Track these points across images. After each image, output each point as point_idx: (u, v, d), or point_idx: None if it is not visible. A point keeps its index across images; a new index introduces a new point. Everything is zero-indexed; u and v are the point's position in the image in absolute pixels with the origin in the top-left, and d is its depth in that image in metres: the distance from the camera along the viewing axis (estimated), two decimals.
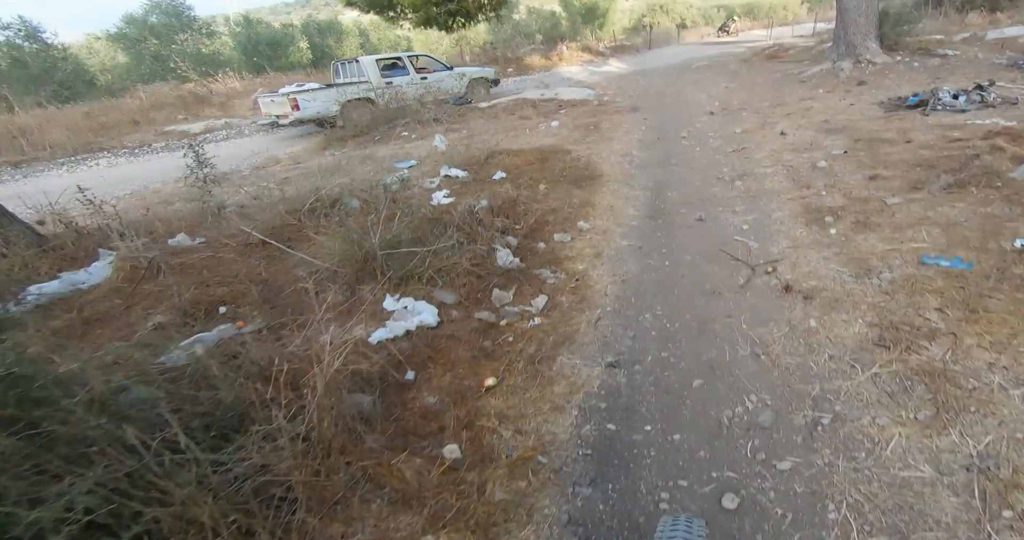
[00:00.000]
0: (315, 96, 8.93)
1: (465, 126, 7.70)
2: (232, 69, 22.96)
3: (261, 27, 24.74)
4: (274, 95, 9.49)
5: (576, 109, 8.10)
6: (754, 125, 6.12)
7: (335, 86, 9.71)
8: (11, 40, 20.68)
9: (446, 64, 11.70)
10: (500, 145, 6.23)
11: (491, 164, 5.25)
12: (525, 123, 7.44)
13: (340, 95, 9.15)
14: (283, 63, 24.50)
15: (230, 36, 25.39)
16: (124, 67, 22.89)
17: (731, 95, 8.34)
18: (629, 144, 5.88)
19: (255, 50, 23.80)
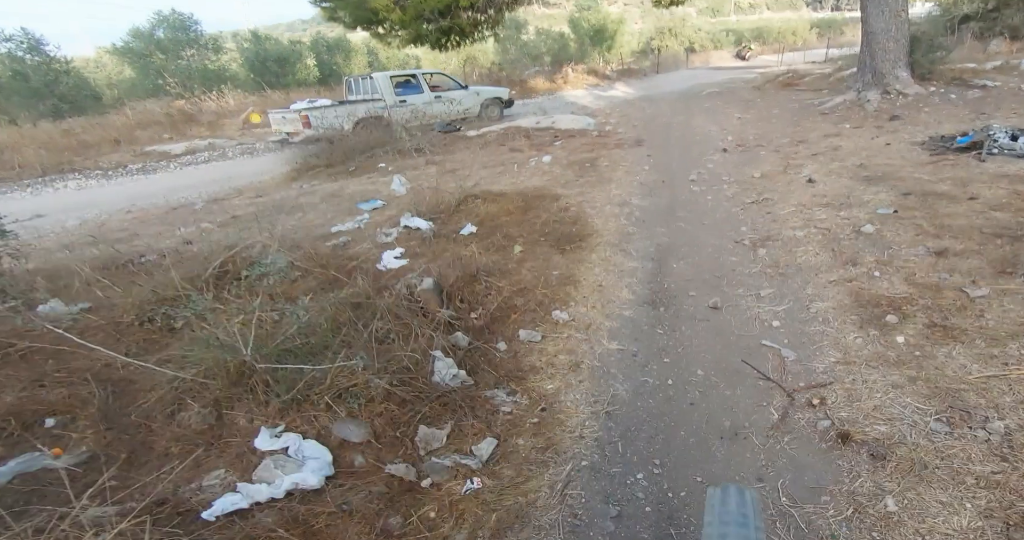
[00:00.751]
0: (327, 113, 8.60)
1: (449, 158, 6.91)
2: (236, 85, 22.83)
3: (269, 43, 24.52)
4: (285, 111, 9.14)
5: (573, 141, 7.31)
6: (775, 167, 5.27)
7: (348, 103, 9.30)
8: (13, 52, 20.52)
9: (461, 83, 11.31)
10: (480, 185, 5.43)
11: (463, 212, 4.42)
12: (515, 157, 6.64)
13: (353, 113, 8.81)
14: (290, 80, 24.37)
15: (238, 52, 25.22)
16: (129, 82, 22.71)
17: (746, 128, 7.52)
18: (629, 189, 5.04)
19: (263, 66, 23.56)
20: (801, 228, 3.65)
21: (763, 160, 5.63)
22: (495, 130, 7.83)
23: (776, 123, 7.59)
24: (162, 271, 3.47)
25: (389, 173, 6.62)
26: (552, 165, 6.01)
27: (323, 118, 8.59)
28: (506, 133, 7.57)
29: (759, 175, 5.06)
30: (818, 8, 72.81)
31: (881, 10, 7.44)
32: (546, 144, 7.17)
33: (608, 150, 6.56)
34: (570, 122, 8.06)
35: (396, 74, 10.29)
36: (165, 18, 23.60)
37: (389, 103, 9.50)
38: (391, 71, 11.33)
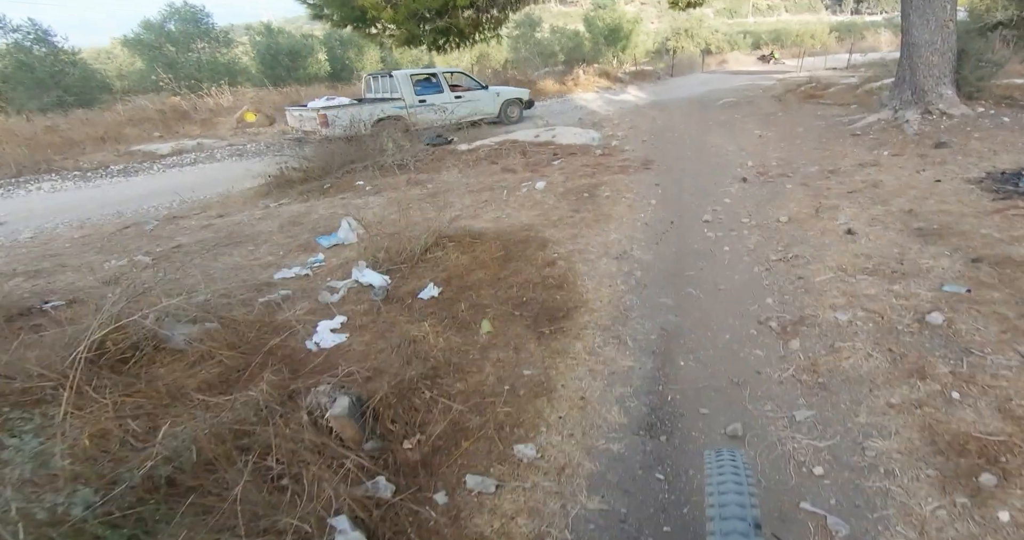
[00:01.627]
0: (346, 112, 8.33)
1: (434, 178, 6.19)
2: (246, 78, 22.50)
3: (282, 37, 23.96)
4: (303, 109, 8.90)
5: (574, 160, 6.55)
6: (804, 208, 4.49)
7: (366, 102, 9.08)
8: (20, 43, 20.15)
9: (481, 82, 11.00)
10: (461, 217, 4.72)
11: (431, 262, 3.70)
12: (506, 179, 5.90)
13: (373, 112, 8.59)
14: (301, 74, 23.96)
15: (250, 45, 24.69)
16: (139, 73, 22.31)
17: (767, 149, 6.71)
18: (631, 231, 4.28)
19: (274, 60, 23.05)
20: (844, 308, 2.88)
21: (789, 196, 4.84)
22: (489, 144, 7.09)
23: (801, 145, 6.77)
24: (52, 324, 2.81)
25: (366, 193, 5.91)
26: (546, 193, 5.27)
27: (342, 117, 8.23)
28: (501, 148, 6.83)
29: (785, 219, 4.28)
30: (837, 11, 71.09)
31: (926, 19, 6.59)
32: (543, 164, 6.41)
33: (611, 175, 5.79)
34: (572, 136, 7.30)
35: (416, 72, 9.86)
36: (177, 10, 23.11)
37: (409, 103, 9.18)
38: (411, 69, 10.79)
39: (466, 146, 7.06)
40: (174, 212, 6.24)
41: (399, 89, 9.34)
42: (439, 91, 9.96)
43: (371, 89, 10.35)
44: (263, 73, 24.01)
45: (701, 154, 6.81)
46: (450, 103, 9.95)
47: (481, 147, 6.96)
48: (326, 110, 8.34)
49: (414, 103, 9.42)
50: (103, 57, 29.42)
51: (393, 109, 9.14)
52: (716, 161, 6.39)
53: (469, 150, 6.88)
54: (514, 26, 25.45)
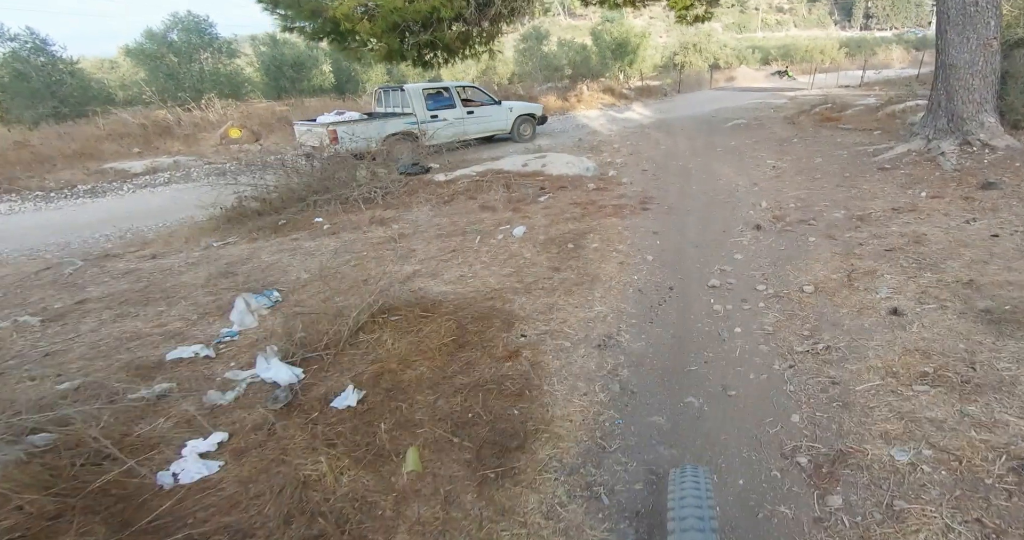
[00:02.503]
0: (357, 128, 8.15)
1: (399, 216, 5.44)
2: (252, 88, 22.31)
3: (287, 48, 23.65)
4: (311, 124, 8.60)
5: (563, 196, 5.79)
6: (833, 272, 3.69)
7: (377, 117, 8.88)
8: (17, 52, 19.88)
9: (493, 97, 10.73)
10: (416, 277, 3.95)
11: (360, 348, 2.93)
12: (483, 221, 5.15)
13: (383, 127, 8.42)
14: (305, 86, 23.67)
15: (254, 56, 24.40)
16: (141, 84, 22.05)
17: (783, 185, 5.92)
18: (620, 302, 3.49)
19: (278, 71, 22.73)
20: (902, 439, 2.08)
21: (813, 253, 4.04)
22: (470, 174, 6.34)
23: (822, 180, 5.97)
24: None
25: (323, 233, 5.17)
26: (524, 242, 4.50)
27: (352, 133, 7.99)
28: (482, 180, 6.07)
29: (811, 288, 3.48)
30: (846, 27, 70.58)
31: (966, 37, 5.82)
32: (528, 200, 5.65)
33: (603, 217, 5.01)
34: (564, 166, 6.54)
35: (428, 86, 9.58)
36: (180, 20, 22.85)
37: (420, 118, 8.94)
38: (423, 83, 10.41)
39: (444, 176, 6.32)
40: (110, 249, 5.53)
41: (411, 103, 9.02)
42: (451, 106, 9.65)
43: (381, 103, 10.00)
44: (267, 85, 23.81)
45: (707, 190, 6.03)
46: (462, 118, 9.68)
47: (461, 178, 6.21)
48: (336, 125, 8.05)
49: (426, 118, 9.10)
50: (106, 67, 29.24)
51: (405, 125, 8.82)
52: (725, 199, 5.60)
53: (447, 181, 6.13)
54: (521, 39, 25.04)
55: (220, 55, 23.26)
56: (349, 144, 7.92)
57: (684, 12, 10.37)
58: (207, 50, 22.71)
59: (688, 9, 10.32)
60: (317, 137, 8.28)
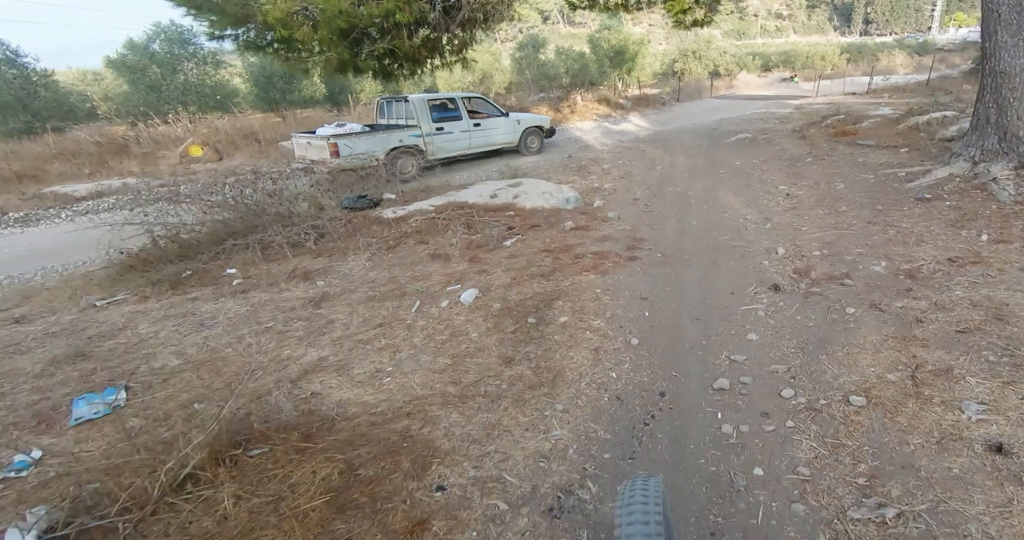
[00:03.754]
0: (358, 141, 7.77)
1: (329, 267, 4.39)
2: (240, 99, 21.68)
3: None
4: (311, 136, 8.15)
5: (535, 239, 4.75)
6: (890, 369, 2.63)
7: (380, 129, 8.52)
8: None
9: (500, 109, 10.16)
10: (318, 371, 2.91)
11: (179, 511, 1.89)
12: (429, 275, 4.11)
13: (387, 140, 8.09)
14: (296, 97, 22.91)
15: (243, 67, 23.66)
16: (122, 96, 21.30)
17: (802, 222, 4.87)
18: (588, 425, 2.45)
19: (268, 82, 21.96)
20: None
21: (856, 333, 2.98)
22: (427, 209, 5.30)
23: (849, 214, 4.92)
24: None
25: (229, 292, 4.13)
26: (473, 313, 3.45)
27: (353, 146, 7.65)
28: (439, 217, 5.03)
29: (861, 398, 2.43)
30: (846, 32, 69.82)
31: (1022, 38, 4.79)
32: (490, 245, 4.61)
33: (580, 273, 3.95)
34: (540, 197, 5.50)
35: (433, 97, 9.11)
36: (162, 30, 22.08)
37: (425, 130, 8.58)
38: (428, 93, 9.83)
39: (394, 212, 5.27)
40: None
41: (415, 115, 8.56)
42: (457, 118, 9.19)
43: (384, 114, 9.50)
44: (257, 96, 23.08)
45: (710, 226, 4.98)
46: (468, 131, 9.29)
47: (415, 214, 5.16)
48: (337, 138, 7.60)
49: (431, 130, 8.68)
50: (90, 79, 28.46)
51: (409, 138, 8.42)
52: (731, 242, 4.54)
53: (397, 219, 5.09)
54: (517, 47, 24.22)
55: (205, 66, 22.47)
56: (350, 158, 7.53)
57: (681, 16, 9.41)
58: (191, 61, 21.87)
59: (685, 13, 9.36)
60: (317, 150, 7.85)
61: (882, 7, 70.87)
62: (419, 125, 8.63)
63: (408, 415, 2.55)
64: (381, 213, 5.23)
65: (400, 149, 8.35)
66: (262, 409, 2.64)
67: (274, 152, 11.81)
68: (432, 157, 8.89)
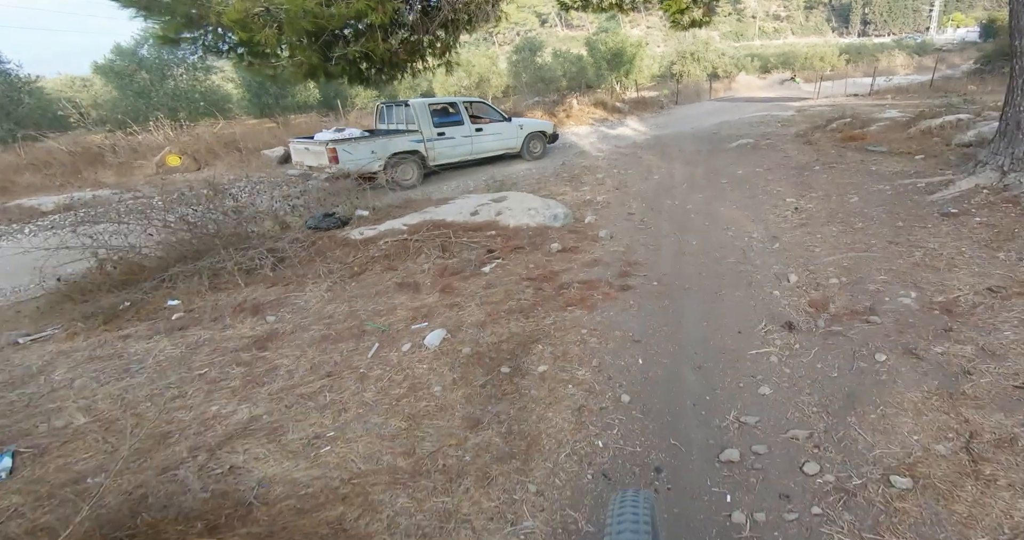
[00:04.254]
0: (358, 147, 7.63)
1: (283, 300, 3.89)
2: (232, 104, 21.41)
3: None
4: (308, 142, 8.00)
5: (517, 263, 4.26)
6: (937, 438, 2.15)
7: (380, 134, 8.30)
8: None
9: (503, 114, 9.96)
10: (238, 440, 2.42)
11: None
12: (392, 311, 3.61)
13: (387, 146, 7.96)
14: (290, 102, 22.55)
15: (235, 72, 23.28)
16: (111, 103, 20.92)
17: (815, 241, 4.38)
18: (566, 513, 1.97)
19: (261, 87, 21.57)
20: None
21: (890, 388, 2.49)
22: (400, 228, 4.80)
23: (867, 231, 4.43)
24: None
25: (166, 328, 3.63)
26: (438, 360, 2.96)
27: (353, 152, 7.48)
28: (411, 239, 4.53)
29: (905, 479, 1.94)
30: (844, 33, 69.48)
31: None
32: (467, 271, 4.11)
33: (564, 308, 3.45)
34: (526, 214, 5.01)
35: (435, 101, 8.95)
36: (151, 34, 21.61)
37: (427, 135, 8.41)
38: (429, 98, 9.72)
39: (362, 233, 4.76)
40: None
41: (416, 120, 8.36)
42: (459, 123, 9.00)
43: (384, 119, 9.29)
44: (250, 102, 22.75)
45: (711, 246, 4.49)
46: (470, 136, 9.11)
47: (386, 235, 4.67)
48: (336, 143, 7.41)
49: (432, 136, 8.48)
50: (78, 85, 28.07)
51: (410, 143, 8.23)
52: (736, 266, 4.05)
53: (366, 240, 4.59)
54: (514, 50, 23.84)
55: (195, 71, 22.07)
56: (350, 164, 7.31)
57: (679, 16, 8.96)
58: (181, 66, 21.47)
59: (683, 13, 8.91)
60: (315, 156, 7.66)
61: (880, 8, 70.63)
62: (420, 130, 8.40)
63: (344, 499, 2.06)
64: (349, 234, 4.73)
65: (401, 155, 8.14)
66: (165, 488, 2.16)
67: (256, 161, 11.34)
68: (433, 163, 8.66)
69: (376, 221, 5.07)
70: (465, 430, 2.42)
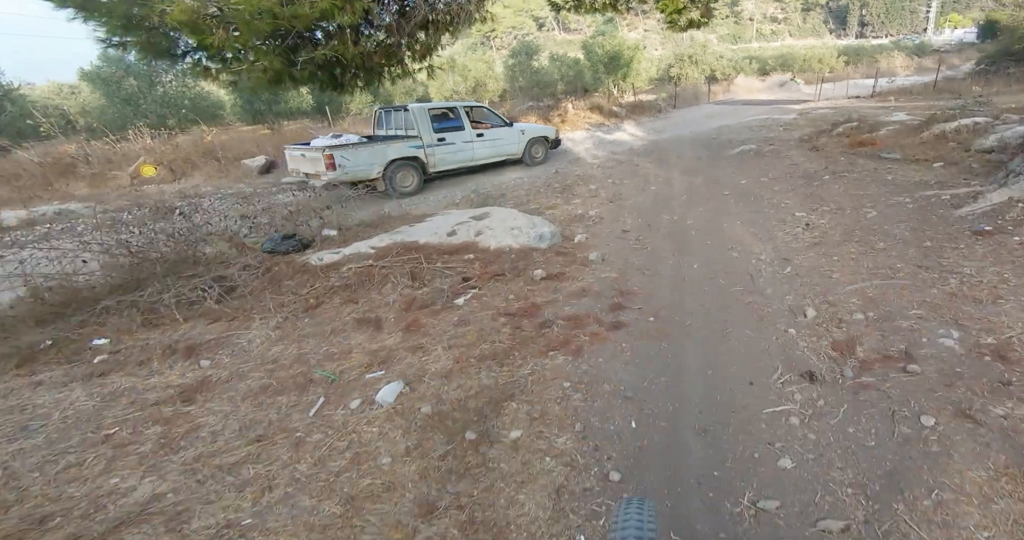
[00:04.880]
0: (356, 153, 7.40)
1: (222, 339, 3.39)
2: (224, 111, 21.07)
3: None
4: (305, 148, 7.68)
5: (495, 294, 3.76)
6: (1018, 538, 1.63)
7: (378, 140, 8.15)
8: None
9: (504, 119, 9.72)
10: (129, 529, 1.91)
11: None
12: (346, 355, 3.12)
13: (386, 152, 7.75)
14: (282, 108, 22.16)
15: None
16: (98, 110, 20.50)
17: (831, 264, 3.88)
18: None
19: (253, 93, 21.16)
20: None
21: (944, 461, 2.00)
22: (367, 252, 4.30)
23: (890, 253, 3.93)
24: None
25: (88, 372, 3.13)
26: (388, 425, 2.45)
27: (351, 158, 7.28)
28: (379, 264, 4.03)
29: None
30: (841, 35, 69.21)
31: None
32: (438, 304, 3.62)
33: (545, 353, 2.96)
34: (508, 234, 4.52)
35: (434, 106, 8.70)
36: None
37: (426, 141, 8.20)
38: (428, 103, 9.73)
39: (320, 259, 4.23)
40: None
41: (415, 125, 8.14)
42: (459, 128, 8.75)
43: (382, 125, 9.10)
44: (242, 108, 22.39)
45: (716, 273, 3.99)
46: (471, 142, 8.88)
47: (351, 260, 4.16)
48: (333, 150, 7.17)
49: (432, 141, 8.27)
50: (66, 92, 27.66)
51: (410, 149, 8.01)
52: (744, 296, 3.56)
53: (328, 266, 4.09)
54: (510, 54, 23.47)
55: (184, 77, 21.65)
56: (347, 171, 7.15)
57: (676, 16, 8.52)
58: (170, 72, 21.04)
59: (680, 13, 8.47)
60: (311, 163, 7.40)
61: (877, 10, 70.43)
62: (420, 135, 8.16)
63: None
64: (309, 258, 4.23)
65: (400, 161, 7.90)
66: None
67: (236, 171, 10.86)
68: (434, 169, 8.45)
69: (343, 243, 4.57)
70: (416, 517, 1.93)
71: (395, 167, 7.91)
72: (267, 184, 10.16)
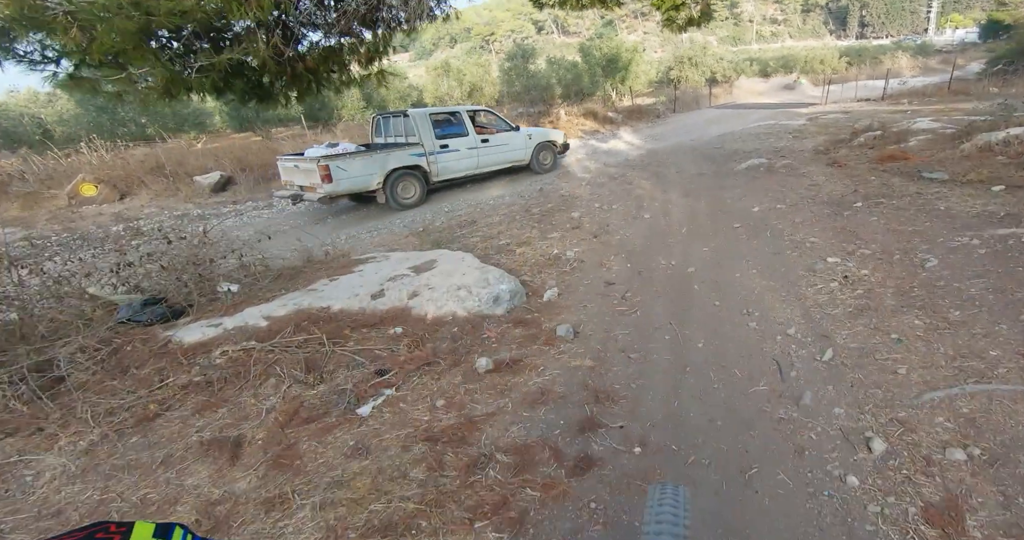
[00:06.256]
0: (353, 163, 6.91)
1: (16, 483, 2.30)
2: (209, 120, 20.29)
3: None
4: (298, 159, 7.21)
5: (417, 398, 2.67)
6: None
7: (377, 149, 7.50)
8: None
9: (510, 123, 9.11)
10: None
11: None
12: (173, 499, 2.02)
13: (386, 161, 7.22)
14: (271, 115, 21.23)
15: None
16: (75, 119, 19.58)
17: (892, 350, 2.77)
18: None
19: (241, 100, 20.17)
20: None
21: None
22: (256, 325, 3.18)
23: (975, 331, 2.82)
24: None
25: None
26: None
27: (348, 169, 6.82)
28: (266, 346, 2.94)
29: None
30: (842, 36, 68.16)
31: None
32: (334, 411, 2.52)
33: (467, 528, 1.86)
34: (453, 295, 3.40)
35: (436, 111, 8.15)
36: None
37: (428, 148, 7.71)
38: (430, 108, 9.13)
39: (191, 335, 3.10)
40: None
41: (416, 132, 7.63)
42: (463, 134, 8.21)
43: (380, 132, 8.54)
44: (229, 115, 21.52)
45: (728, 360, 2.88)
46: (476, 148, 8.34)
47: (228, 339, 3.02)
48: (328, 160, 6.69)
49: (435, 149, 7.78)
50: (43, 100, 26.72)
51: (411, 157, 7.48)
52: (771, 412, 2.45)
53: (195, 347, 2.97)
54: (506, 58, 22.55)
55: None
56: (344, 183, 6.70)
57: (673, 14, 7.48)
58: None
59: (678, 10, 7.43)
60: (305, 175, 6.87)
61: (877, 10, 69.48)
62: (421, 142, 7.62)
63: None
64: (176, 333, 3.13)
65: (401, 170, 7.36)
66: None
67: (187, 188, 9.78)
68: (437, 178, 7.93)
69: (234, 306, 3.46)
70: None
71: (396, 177, 7.32)
72: (218, 203, 9.09)
